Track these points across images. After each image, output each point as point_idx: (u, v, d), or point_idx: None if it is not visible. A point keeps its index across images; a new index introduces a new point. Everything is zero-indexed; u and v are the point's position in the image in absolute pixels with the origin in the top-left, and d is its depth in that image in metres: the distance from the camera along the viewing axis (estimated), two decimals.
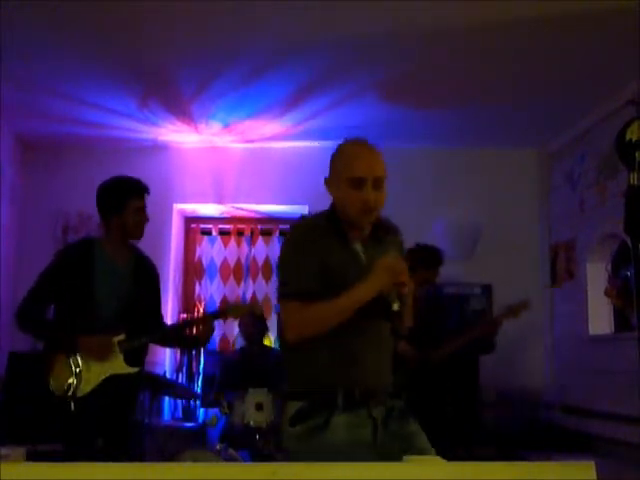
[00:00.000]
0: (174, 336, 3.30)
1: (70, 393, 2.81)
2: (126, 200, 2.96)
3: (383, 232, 2.10)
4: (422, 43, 3.81)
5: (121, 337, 2.90)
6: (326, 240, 2.00)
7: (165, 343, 3.30)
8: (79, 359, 2.86)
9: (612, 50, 3.77)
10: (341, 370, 1.95)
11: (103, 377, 2.86)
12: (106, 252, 3.01)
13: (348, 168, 2.01)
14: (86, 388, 2.83)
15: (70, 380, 2.82)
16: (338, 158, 2.08)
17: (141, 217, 3.02)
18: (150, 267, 3.18)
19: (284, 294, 2.00)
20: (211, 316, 3.33)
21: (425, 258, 3.85)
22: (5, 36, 3.63)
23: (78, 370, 2.83)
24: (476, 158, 5.49)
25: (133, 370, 2.92)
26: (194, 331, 3.22)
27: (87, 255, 2.99)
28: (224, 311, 3.26)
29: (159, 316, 3.22)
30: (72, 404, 2.79)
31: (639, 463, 3.73)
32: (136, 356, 2.95)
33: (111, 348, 2.88)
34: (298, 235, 2.09)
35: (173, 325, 3.17)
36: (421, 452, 1.92)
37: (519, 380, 5.13)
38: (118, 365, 2.89)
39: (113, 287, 2.98)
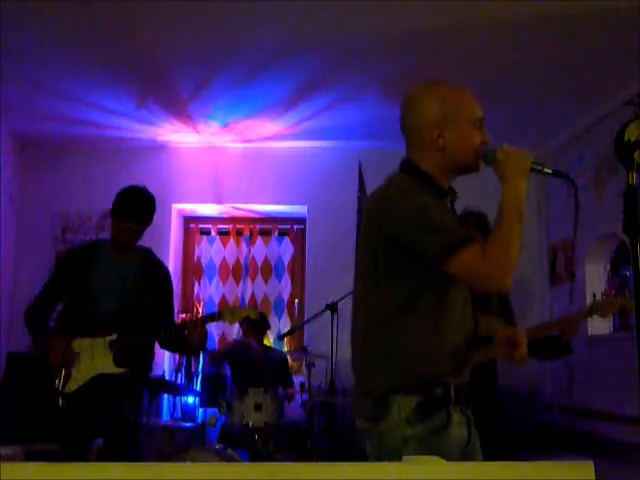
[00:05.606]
0: (172, 340, 3.20)
1: (60, 389, 2.89)
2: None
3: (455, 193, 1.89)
4: (421, 43, 3.82)
5: (113, 337, 2.94)
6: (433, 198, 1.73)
7: (167, 347, 3.30)
8: (71, 357, 2.92)
9: (612, 50, 3.77)
10: (449, 360, 1.71)
11: (90, 375, 2.91)
12: (110, 253, 3.09)
13: (469, 108, 1.81)
14: (73, 385, 2.90)
15: (60, 377, 2.90)
16: (446, 99, 1.82)
17: (120, 235, 3.03)
18: (159, 271, 3.20)
19: (452, 246, 1.61)
20: (206, 319, 3.32)
21: (481, 225, 3.25)
22: (5, 36, 3.63)
23: (68, 367, 2.90)
24: None
25: (120, 370, 2.93)
26: (191, 337, 3.18)
27: (88, 255, 3.08)
28: (220, 314, 3.22)
29: (170, 319, 3.20)
30: (60, 399, 2.87)
31: (638, 463, 3.73)
32: (128, 357, 2.96)
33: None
34: (412, 190, 1.77)
35: (169, 328, 3.15)
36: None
37: (518, 380, 5.12)
38: (106, 364, 2.93)
39: (113, 286, 3.02)
